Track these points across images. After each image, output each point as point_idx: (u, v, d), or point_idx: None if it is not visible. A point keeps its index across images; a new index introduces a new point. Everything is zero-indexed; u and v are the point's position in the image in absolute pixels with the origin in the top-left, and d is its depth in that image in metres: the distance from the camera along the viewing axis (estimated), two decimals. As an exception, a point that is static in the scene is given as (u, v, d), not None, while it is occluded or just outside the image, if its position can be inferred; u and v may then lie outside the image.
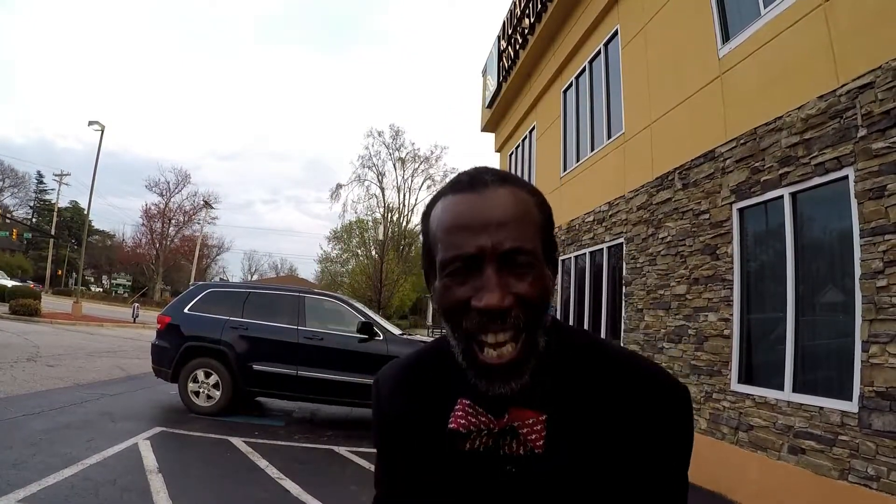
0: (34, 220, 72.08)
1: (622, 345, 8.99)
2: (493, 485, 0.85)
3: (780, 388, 5.63)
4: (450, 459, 0.88)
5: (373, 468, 1.10)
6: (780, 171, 5.84)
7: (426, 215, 0.88)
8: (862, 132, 4.85)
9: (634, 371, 0.88)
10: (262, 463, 6.40)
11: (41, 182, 74.25)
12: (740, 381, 6.31)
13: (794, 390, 5.48)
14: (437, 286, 0.84)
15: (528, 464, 0.84)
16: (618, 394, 0.85)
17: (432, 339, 0.88)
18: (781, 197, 5.84)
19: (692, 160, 7.46)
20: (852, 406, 4.73)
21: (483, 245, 0.79)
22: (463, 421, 0.85)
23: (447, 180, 0.92)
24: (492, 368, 0.80)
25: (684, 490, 0.87)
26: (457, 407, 0.86)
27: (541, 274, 0.82)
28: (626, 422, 0.83)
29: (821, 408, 5.08)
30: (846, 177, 5.01)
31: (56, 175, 68.41)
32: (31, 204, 74.58)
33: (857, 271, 4.79)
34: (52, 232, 61.75)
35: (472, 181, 0.84)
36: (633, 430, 0.82)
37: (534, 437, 0.83)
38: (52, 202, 70.89)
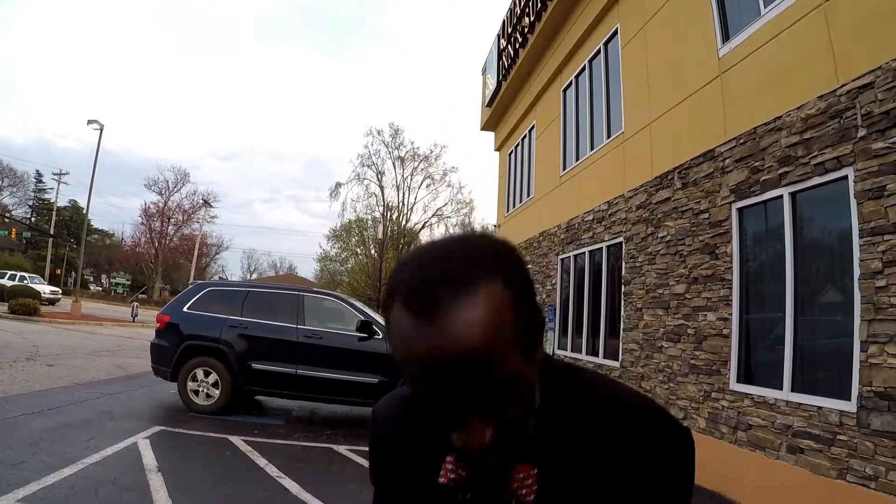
0: (33, 219, 71.96)
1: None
2: None
3: (779, 387, 5.64)
4: (440, 500, 0.85)
5: None
6: (780, 171, 5.84)
7: (385, 308, 0.76)
8: (862, 132, 4.85)
9: (630, 420, 0.83)
10: (262, 462, 6.41)
11: (40, 181, 74.11)
12: (739, 380, 6.31)
13: (793, 390, 5.48)
14: (411, 394, 0.79)
15: None
16: (613, 444, 0.80)
17: None
18: (781, 197, 5.85)
19: (692, 159, 7.46)
20: (851, 406, 4.73)
21: (448, 398, 0.72)
22: (453, 476, 0.82)
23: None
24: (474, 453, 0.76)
25: None
26: (447, 461, 0.83)
27: (524, 390, 0.75)
28: (622, 473, 0.79)
29: (819, 407, 5.08)
30: (846, 177, 5.01)
31: (55, 174, 68.31)
32: (30, 203, 74.47)
33: (857, 271, 4.79)
34: (51, 231, 61.70)
35: (426, 303, 0.69)
36: (629, 481, 0.79)
37: (524, 491, 0.79)
38: (51, 201, 70.71)
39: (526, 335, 0.74)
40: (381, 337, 8.73)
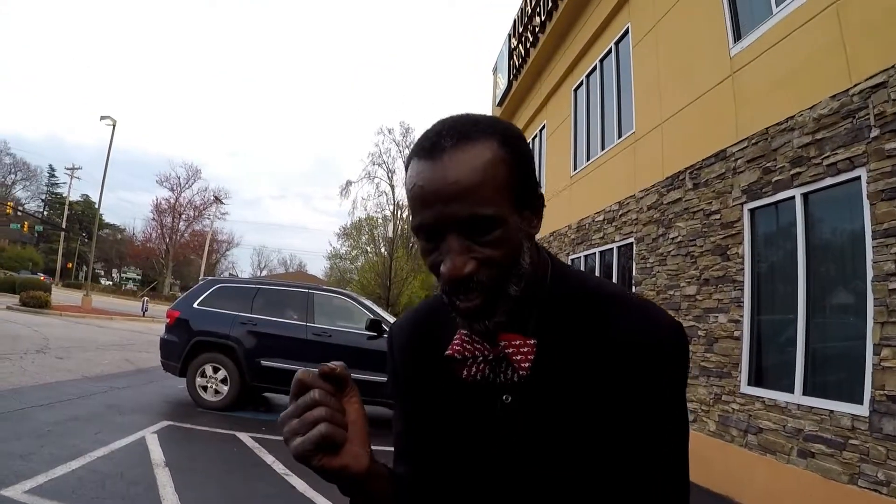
0: (45, 213, 72.68)
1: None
2: (490, 414, 0.90)
3: (790, 390, 5.59)
4: (452, 390, 0.94)
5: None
6: (792, 172, 5.79)
7: (406, 167, 0.88)
8: (875, 132, 4.80)
9: (624, 305, 0.90)
10: (269, 459, 6.41)
11: (53, 176, 74.97)
12: (750, 383, 6.26)
13: (805, 393, 5.43)
14: (419, 245, 0.88)
15: (523, 391, 0.88)
16: (607, 327, 0.87)
17: None
18: (793, 197, 5.79)
19: (703, 160, 7.41)
20: (863, 410, 4.68)
21: (439, 216, 0.81)
22: (458, 348, 0.90)
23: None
24: (463, 311, 0.85)
25: (683, 425, 0.89)
26: (455, 337, 0.92)
27: (506, 234, 0.83)
28: (615, 353, 0.85)
29: (831, 411, 5.03)
30: (858, 177, 4.96)
31: (67, 169, 68.91)
32: (43, 197, 75.26)
33: (870, 273, 4.74)
34: (63, 225, 62.13)
35: (432, 147, 0.83)
36: (622, 361, 0.85)
37: (519, 357, 0.87)
38: (64, 196, 71.48)
39: (519, 195, 0.86)
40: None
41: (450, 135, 0.83)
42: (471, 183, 0.80)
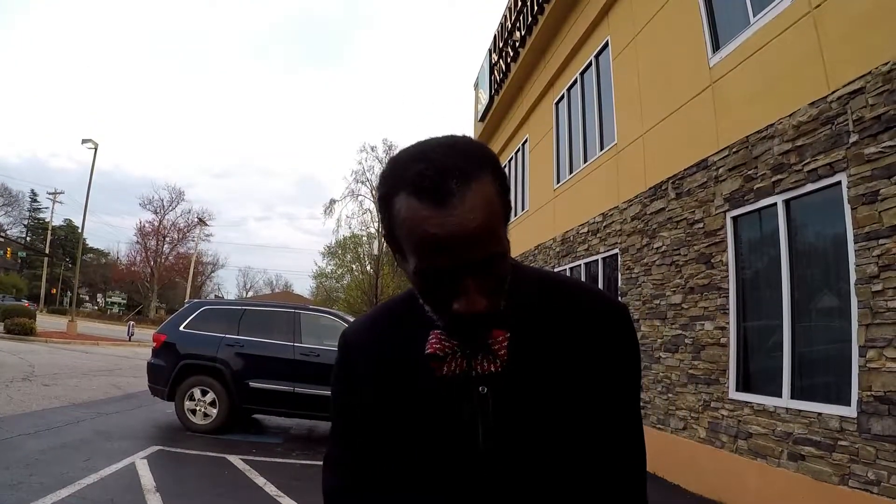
0: (28, 238, 72.11)
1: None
2: (468, 406, 0.95)
3: (779, 394, 5.63)
4: (426, 387, 0.97)
5: None
6: (773, 179, 5.86)
7: (384, 201, 0.88)
8: (854, 137, 4.88)
9: (579, 294, 1.02)
10: (260, 480, 6.36)
11: (35, 201, 74.40)
12: (738, 388, 6.30)
13: (793, 397, 5.48)
14: (413, 279, 0.89)
15: (498, 381, 0.94)
16: (567, 314, 0.98)
17: None
18: (775, 204, 5.87)
19: (685, 169, 7.50)
20: (851, 411, 4.73)
21: (458, 262, 0.83)
22: (438, 346, 0.94)
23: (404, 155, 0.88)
24: (463, 335, 0.92)
25: (636, 405, 1.03)
26: (430, 336, 0.95)
27: (506, 260, 0.89)
28: (576, 336, 0.97)
29: (819, 414, 5.08)
30: (839, 182, 5.04)
31: (50, 194, 68.55)
32: (25, 223, 74.62)
33: (853, 276, 4.81)
34: (47, 250, 61.63)
35: (437, 190, 0.81)
36: (583, 342, 0.97)
37: (497, 347, 0.92)
38: (46, 221, 71.04)
39: (507, 218, 0.90)
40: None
41: (454, 175, 0.82)
42: (487, 227, 0.82)
